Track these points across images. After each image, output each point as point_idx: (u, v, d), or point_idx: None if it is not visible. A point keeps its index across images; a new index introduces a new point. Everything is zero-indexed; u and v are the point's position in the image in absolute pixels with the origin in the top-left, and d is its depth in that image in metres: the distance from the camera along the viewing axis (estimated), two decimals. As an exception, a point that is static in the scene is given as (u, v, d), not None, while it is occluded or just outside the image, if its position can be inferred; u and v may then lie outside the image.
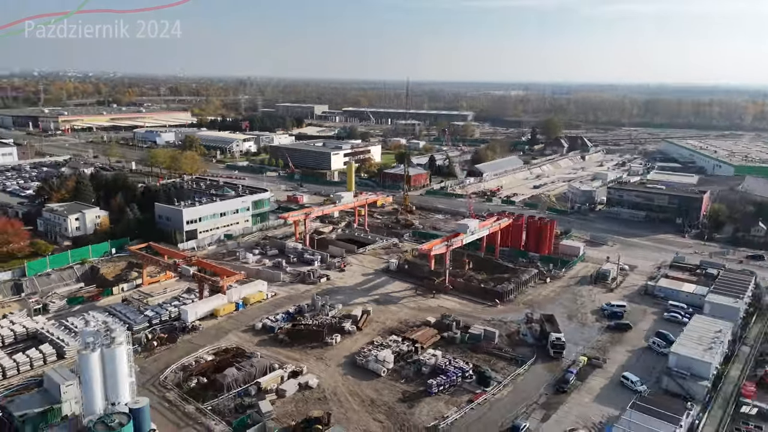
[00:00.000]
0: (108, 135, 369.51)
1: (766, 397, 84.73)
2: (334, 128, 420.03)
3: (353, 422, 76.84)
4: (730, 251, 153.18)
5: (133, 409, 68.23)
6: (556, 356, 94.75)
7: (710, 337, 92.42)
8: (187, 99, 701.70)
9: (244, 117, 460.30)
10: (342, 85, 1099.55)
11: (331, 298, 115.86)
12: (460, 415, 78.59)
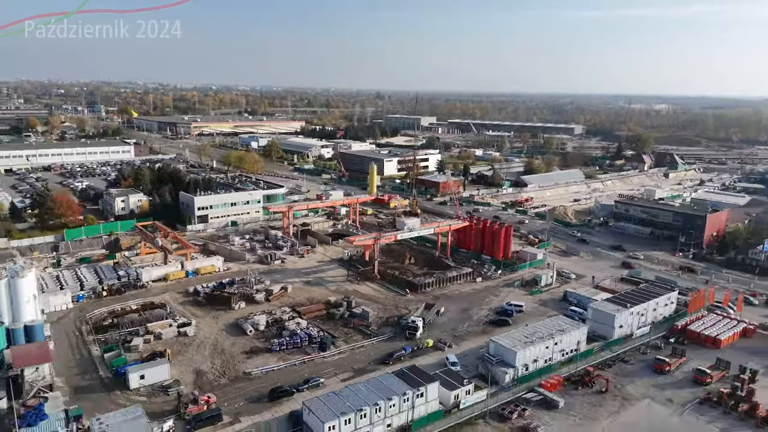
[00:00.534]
0: (220, 139, 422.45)
1: (572, 393, 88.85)
2: (423, 139, 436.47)
3: (194, 361, 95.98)
4: (712, 272, 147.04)
5: (27, 325, 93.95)
6: (410, 336, 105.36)
7: (543, 333, 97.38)
8: (316, 110, 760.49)
9: (345, 126, 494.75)
10: (475, 97, 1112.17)
11: (269, 276, 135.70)
12: (279, 367, 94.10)
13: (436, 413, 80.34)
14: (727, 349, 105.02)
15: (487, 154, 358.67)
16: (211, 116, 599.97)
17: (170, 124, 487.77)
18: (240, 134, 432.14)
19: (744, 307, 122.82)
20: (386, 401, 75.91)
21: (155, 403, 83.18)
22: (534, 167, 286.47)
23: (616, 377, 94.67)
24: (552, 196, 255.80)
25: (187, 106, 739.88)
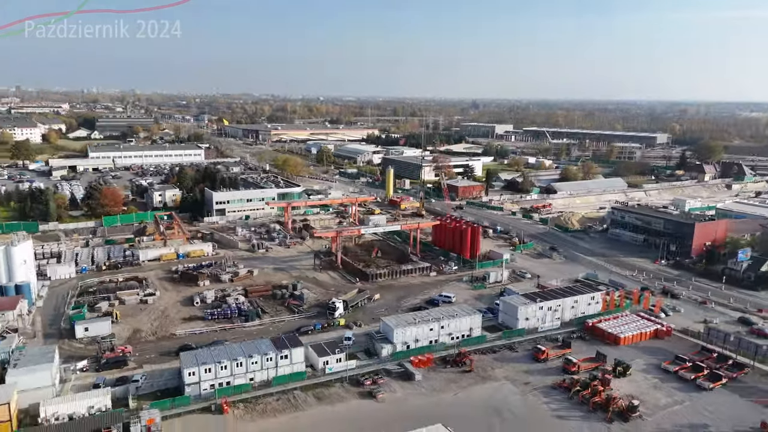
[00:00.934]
0: (293, 146, 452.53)
1: (439, 370, 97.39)
2: (487, 146, 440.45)
3: (138, 322, 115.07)
4: (678, 280, 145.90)
5: (18, 284, 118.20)
6: (329, 316, 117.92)
7: (432, 317, 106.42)
8: (399, 119, 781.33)
9: (415, 134, 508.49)
10: (577, 106, 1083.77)
11: (248, 262, 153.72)
12: (201, 331, 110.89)
13: (299, 374, 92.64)
14: (626, 346, 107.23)
15: (539, 162, 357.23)
16: (295, 125, 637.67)
17: (252, 132, 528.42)
18: (308, 141, 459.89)
19: (683, 311, 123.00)
20: (248, 358, 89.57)
21: (89, 349, 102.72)
22: (570, 175, 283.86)
23: (495, 361, 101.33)
24: (581, 203, 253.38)
25: (281, 115, 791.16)
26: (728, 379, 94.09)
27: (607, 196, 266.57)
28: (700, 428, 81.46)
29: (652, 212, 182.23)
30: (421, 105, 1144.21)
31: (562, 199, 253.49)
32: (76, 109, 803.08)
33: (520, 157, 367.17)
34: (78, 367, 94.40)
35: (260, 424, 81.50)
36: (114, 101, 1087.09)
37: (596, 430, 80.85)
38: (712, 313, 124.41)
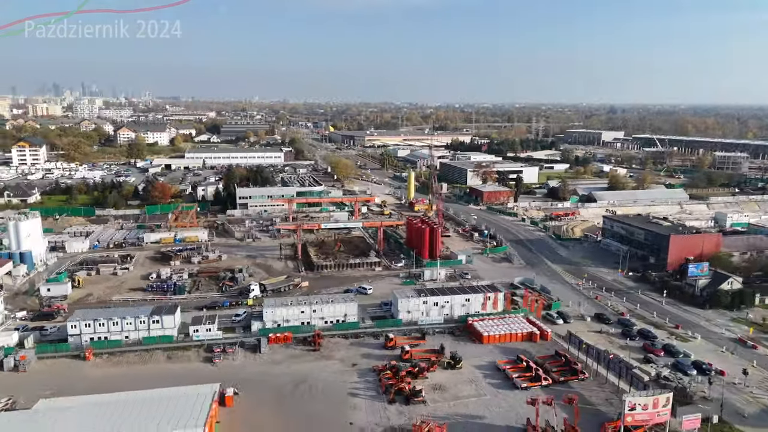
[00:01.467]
0: (376, 150, 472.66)
1: (293, 346, 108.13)
2: (565, 153, 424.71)
3: (95, 288, 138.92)
4: (627, 292, 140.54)
5: (22, 252, 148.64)
6: (244, 296, 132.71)
7: (306, 302, 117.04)
8: (504, 125, 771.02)
9: (503, 140, 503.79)
10: (705, 111, 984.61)
11: (229, 248, 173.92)
12: (134, 299, 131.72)
13: (167, 337, 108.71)
14: (489, 345, 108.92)
15: (613, 170, 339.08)
16: (393, 131, 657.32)
17: (349, 137, 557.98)
18: (393, 146, 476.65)
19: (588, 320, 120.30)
20: (123, 319, 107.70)
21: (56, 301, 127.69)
22: (617, 183, 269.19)
23: (349, 345, 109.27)
24: (621, 214, 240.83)
25: (394, 122, 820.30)
26: (552, 382, 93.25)
27: (658, 208, 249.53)
28: (473, 419, 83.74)
29: (636, 223, 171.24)
30: (551, 111, 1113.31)
31: (598, 209, 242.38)
32: (221, 116, 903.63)
33: (591, 165, 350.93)
34: (18, 316, 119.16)
35: (106, 370, 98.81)
36: (260, 109, 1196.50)
37: (374, 407, 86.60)
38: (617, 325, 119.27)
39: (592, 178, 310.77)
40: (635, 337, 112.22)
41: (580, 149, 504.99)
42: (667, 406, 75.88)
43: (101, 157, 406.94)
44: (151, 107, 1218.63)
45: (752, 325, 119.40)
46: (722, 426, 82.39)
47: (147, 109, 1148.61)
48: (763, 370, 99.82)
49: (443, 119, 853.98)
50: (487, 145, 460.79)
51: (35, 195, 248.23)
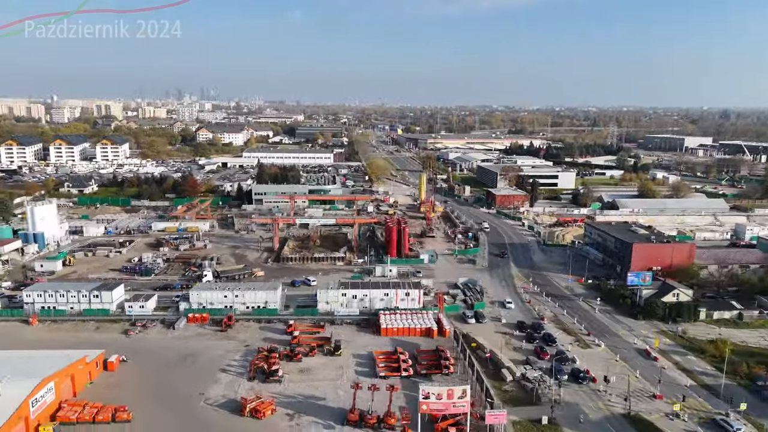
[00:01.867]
0: (429, 152, 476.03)
1: (206, 326, 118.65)
2: (620, 159, 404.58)
3: (83, 266, 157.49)
4: (569, 298, 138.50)
5: (35, 233, 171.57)
6: (199, 281, 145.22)
7: (229, 288, 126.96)
8: (584, 129, 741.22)
9: (565, 145, 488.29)
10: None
11: (222, 239, 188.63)
12: (107, 277, 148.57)
13: (104, 310, 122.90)
14: (387, 337, 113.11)
15: (664, 178, 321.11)
16: (457, 134, 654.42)
17: (413, 140, 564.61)
18: (445, 148, 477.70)
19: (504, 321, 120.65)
20: (68, 292, 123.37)
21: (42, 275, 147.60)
22: (647, 191, 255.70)
23: (258, 329, 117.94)
24: (645, 222, 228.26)
25: (471, 125, 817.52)
26: (412, 373, 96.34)
27: (688, 218, 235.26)
28: (313, 399, 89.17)
29: (609, 230, 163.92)
30: (650, 114, 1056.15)
31: (617, 217, 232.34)
32: (310, 119, 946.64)
33: (643, 172, 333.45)
34: (3, 285, 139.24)
35: (42, 334, 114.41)
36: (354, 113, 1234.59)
37: (233, 382, 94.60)
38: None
39: (631, 185, 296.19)
40: (535, 341, 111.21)
41: (654, 155, 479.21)
42: (464, 398, 77.36)
43: (177, 155, 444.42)
44: (253, 110, 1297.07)
45: (677, 337, 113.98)
46: (551, 427, 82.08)
47: (249, 111, 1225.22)
48: (644, 381, 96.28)
49: (524, 122, 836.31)
50: (545, 150, 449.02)
51: (91, 186, 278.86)
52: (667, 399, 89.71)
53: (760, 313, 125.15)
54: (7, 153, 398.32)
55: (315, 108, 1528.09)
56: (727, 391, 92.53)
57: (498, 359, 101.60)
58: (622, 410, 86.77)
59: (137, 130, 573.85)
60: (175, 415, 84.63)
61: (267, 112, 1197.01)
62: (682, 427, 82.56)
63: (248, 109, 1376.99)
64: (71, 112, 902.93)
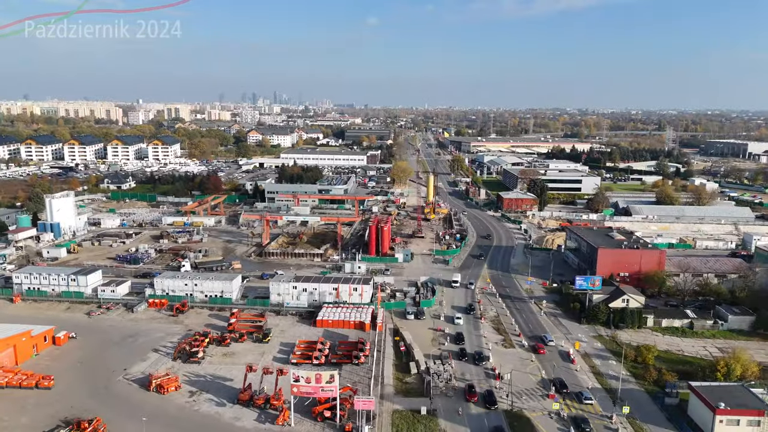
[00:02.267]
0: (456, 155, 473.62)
1: (162, 310, 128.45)
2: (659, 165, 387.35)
3: (86, 254, 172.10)
4: (522, 300, 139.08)
5: (51, 223, 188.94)
6: (178, 269, 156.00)
7: (192, 278, 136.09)
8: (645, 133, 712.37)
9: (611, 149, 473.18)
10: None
11: (220, 234, 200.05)
12: (101, 264, 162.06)
13: (79, 293, 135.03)
14: (321, 328, 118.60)
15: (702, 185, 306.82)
16: (503, 137, 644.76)
17: (457, 143, 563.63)
18: (483, 151, 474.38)
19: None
20: (49, 275, 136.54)
21: (45, 261, 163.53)
22: (664, 198, 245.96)
23: (208, 316, 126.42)
24: (657, 230, 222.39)
25: (525, 127, 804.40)
26: (323, 362, 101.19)
27: (706, 226, 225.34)
28: (220, 379, 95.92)
29: (585, 235, 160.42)
30: (734, 118, 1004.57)
31: (627, 223, 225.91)
32: (367, 122, 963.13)
33: (682, 179, 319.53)
34: (8, 267, 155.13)
35: (19, 311, 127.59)
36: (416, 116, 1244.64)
37: (159, 361, 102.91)
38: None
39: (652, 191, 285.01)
40: (462, 340, 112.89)
41: (710, 161, 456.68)
42: (332, 383, 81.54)
43: (225, 155, 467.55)
44: (320, 113, 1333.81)
45: (610, 342, 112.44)
46: (428, 418, 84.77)
47: (315, 114, 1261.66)
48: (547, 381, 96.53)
49: (583, 126, 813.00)
50: (586, 154, 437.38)
51: (128, 183, 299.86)
52: (559, 399, 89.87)
53: (715, 323, 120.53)
54: (70, 152, 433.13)
55: (379, 111, 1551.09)
56: (630, 396, 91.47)
57: (412, 353, 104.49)
58: (507, 406, 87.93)
59: (194, 131, 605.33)
60: (91, 386, 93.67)
61: (330, 115, 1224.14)
62: (557, 426, 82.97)
63: (315, 112, 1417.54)
64: (146, 114, 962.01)
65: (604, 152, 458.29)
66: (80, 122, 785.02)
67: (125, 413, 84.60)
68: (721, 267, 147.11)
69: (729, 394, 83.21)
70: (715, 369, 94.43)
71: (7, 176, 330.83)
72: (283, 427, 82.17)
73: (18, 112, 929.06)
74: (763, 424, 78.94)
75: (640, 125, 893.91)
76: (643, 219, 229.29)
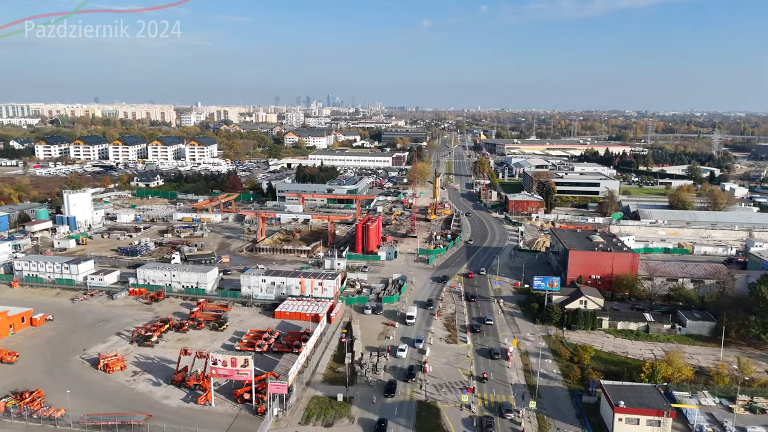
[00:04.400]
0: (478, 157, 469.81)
1: (138, 298, 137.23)
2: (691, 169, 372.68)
3: (92, 246, 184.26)
4: (486, 299, 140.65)
5: (68, 216, 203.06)
6: (169, 261, 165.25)
7: (170, 269, 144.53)
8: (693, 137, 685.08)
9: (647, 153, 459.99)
10: None
11: (223, 229, 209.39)
12: (101, 254, 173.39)
13: (70, 280, 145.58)
14: (279, 319, 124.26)
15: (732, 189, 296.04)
16: (534, 140, 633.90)
17: (492, 145, 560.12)
18: (513, 155, 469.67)
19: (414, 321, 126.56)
20: (45, 263, 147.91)
21: (52, 251, 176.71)
22: (677, 203, 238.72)
23: (179, 305, 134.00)
24: (665, 234, 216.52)
25: (569, 129, 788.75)
26: (265, 350, 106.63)
27: (717, 233, 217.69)
28: (163, 361, 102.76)
29: (564, 237, 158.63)
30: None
31: (634, 227, 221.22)
32: (414, 125, 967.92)
33: (705, 184, 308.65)
34: (18, 255, 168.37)
35: (14, 294, 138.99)
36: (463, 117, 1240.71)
37: (117, 344, 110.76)
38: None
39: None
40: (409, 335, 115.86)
41: (758, 165, 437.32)
42: (247, 367, 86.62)
43: (260, 155, 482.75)
44: (368, 116, 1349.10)
45: (555, 342, 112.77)
46: (342, 404, 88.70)
47: (364, 117, 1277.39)
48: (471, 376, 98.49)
49: (634, 128, 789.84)
50: (619, 158, 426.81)
51: (156, 181, 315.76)
52: (477, 393, 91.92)
53: (672, 327, 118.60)
54: (114, 151, 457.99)
55: (427, 113, 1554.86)
56: (552, 393, 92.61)
57: (353, 344, 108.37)
58: (423, 397, 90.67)
59: (235, 133, 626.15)
60: (49, 363, 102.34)
61: (377, 117, 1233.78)
62: (462, 416, 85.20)
63: (363, 115, 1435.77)
64: (197, 117, 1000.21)
65: (638, 155, 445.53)
66: (135, 124, 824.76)
67: (67, 387, 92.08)
68: (698, 272, 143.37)
69: (637, 394, 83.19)
70: (642, 371, 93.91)
71: (51, 174, 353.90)
72: (204, 406, 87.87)
73: (81, 114, 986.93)
74: (663, 424, 78.68)
75: (693, 128, 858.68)
76: (652, 223, 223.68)
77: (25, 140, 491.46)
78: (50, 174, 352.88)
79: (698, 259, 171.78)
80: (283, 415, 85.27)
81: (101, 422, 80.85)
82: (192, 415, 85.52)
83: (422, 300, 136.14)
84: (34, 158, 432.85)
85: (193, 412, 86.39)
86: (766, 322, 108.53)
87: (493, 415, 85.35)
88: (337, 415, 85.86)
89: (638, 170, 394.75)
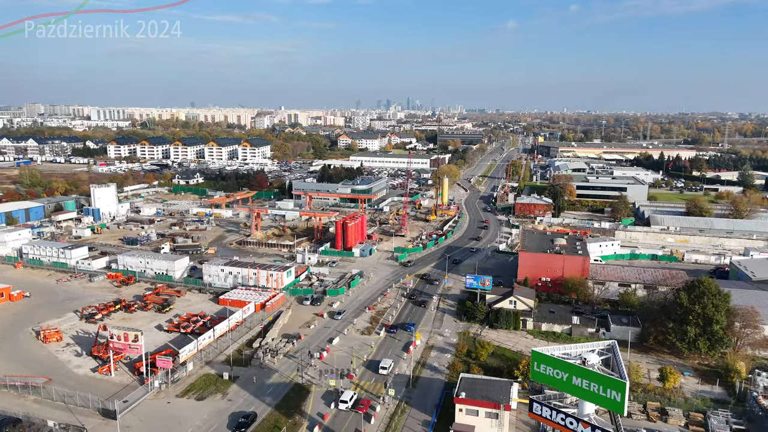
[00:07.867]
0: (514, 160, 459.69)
1: (120, 284, 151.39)
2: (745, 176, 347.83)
3: (105, 236, 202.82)
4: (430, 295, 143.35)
5: (93, 209, 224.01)
6: (159, 252, 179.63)
7: (145, 257, 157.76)
8: None
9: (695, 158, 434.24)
10: None
11: (228, 223, 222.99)
12: (111, 243, 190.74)
13: (63, 263, 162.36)
14: (223, 306, 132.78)
15: None
16: (596, 143, 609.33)
17: (545, 148, 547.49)
18: (564, 157, 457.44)
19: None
20: (46, 248, 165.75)
21: (66, 239, 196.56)
22: (694, 210, 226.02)
23: (146, 290, 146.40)
24: (674, 241, 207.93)
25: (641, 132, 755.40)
26: (188, 332, 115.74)
27: (732, 242, 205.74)
28: (87, 334, 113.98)
29: (527, 238, 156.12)
30: None
31: (642, 234, 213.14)
32: (485, 125, 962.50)
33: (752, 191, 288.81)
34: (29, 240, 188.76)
35: (13, 274, 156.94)
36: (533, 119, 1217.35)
37: (71, 321, 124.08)
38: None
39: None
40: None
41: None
42: (137, 341, 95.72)
43: (309, 157, 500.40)
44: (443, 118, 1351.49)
45: (468, 339, 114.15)
46: (226, 382, 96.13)
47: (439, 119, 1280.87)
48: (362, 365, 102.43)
49: (717, 132, 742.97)
50: (672, 163, 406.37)
51: (196, 178, 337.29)
52: (355, 380, 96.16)
53: (597, 331, 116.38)
54: (174, 152, 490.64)
55: (506, 116, 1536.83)
56: (428, 384, 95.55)
57: (269, 330, 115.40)
58: (300, 380, 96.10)
59: (294, 134, 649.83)
60: (7, 331, 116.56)
61: (449, 120, 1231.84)
62: (321, 397, 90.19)
63: (439, 117, 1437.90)
64: (270, 120, 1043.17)
65: (695, 159, 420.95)
66: (212, 126, 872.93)
67: (4, 353, 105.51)
68: (652, 278, 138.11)
69: (487, 387, 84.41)
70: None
71: (111, 171, 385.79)
72: (105, 376, 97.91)
73: (167, 117, 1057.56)
74: (501, 417, 79.69)
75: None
76: (662, 230, 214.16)
77: (99, 141, 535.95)
78: (110, 171, 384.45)
79: (681, 266, 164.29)
80: (165, 387, 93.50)
81: (7, 382, 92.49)
82: (90, 382, 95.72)
83: (366, 295, 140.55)
84: (105, 157, 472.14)
85: (93, 380, 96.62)
86: (684, 329, 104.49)
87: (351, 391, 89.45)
88: (215, 391, 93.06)
89: (689, 175, 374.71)
